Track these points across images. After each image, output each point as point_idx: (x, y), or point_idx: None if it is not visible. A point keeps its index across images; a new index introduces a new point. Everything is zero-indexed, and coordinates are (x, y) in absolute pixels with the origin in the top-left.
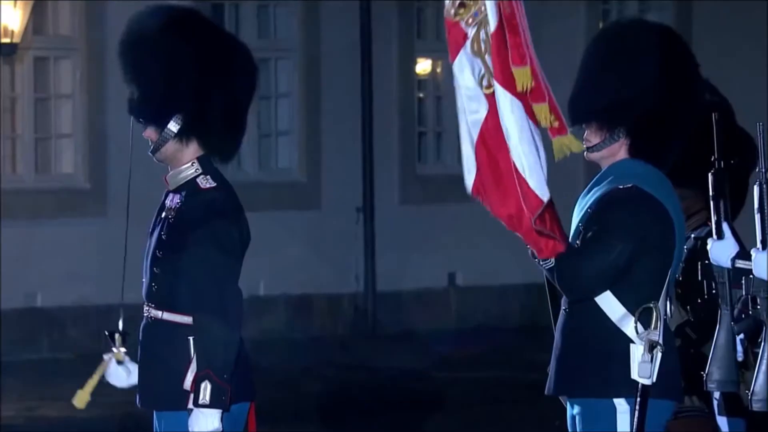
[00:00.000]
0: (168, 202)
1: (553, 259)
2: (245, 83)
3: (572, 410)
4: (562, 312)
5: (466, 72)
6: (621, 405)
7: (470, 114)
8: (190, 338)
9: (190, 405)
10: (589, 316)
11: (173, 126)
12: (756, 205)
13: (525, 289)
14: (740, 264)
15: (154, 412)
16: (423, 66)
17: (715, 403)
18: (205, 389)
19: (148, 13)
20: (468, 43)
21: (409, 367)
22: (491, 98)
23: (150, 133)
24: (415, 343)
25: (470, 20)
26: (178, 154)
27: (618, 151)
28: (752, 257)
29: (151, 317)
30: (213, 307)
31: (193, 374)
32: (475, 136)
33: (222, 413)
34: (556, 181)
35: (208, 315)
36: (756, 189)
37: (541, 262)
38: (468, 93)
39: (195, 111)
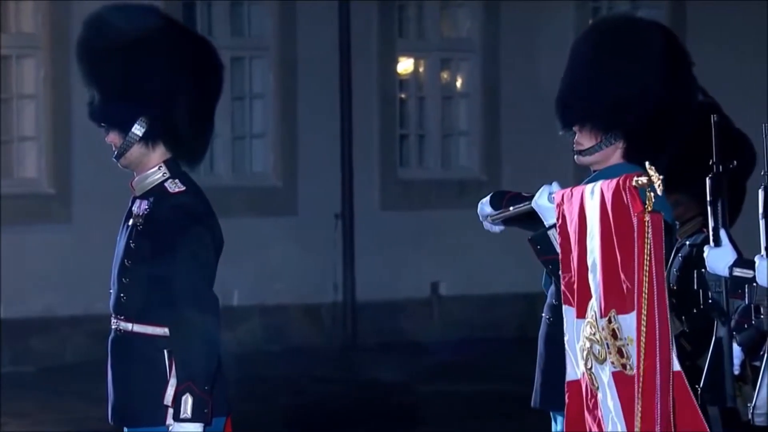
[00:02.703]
0: (135, 209)
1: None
2: (211, 82)
3: (556, 426)
4: (543, 321)
5: None
6: None
7: None
8: (165, 351)
9: (170, 420)
10: None
11: (137, 129)
12: (761, 210)
13: (511, 300)
14: (738, 272)
15: (125, 429)
16: (405, 65)
17: (711, 417)
18: (186, 402)
19: (106, 12)
20: None
21: (389, 379)
22: None
23: (113, 137)
24: (396, 356)
25: None
26: (143, 159)
27: (612, 155)
28: (756, 264)
29: (120, 330)
30: (191, 315)
31: (174, 388)
32: None
33: (204, 427)
34: (545, 182)
35: (187, 323)
36: (761, 193)
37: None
38: None
39: (160, 113)
